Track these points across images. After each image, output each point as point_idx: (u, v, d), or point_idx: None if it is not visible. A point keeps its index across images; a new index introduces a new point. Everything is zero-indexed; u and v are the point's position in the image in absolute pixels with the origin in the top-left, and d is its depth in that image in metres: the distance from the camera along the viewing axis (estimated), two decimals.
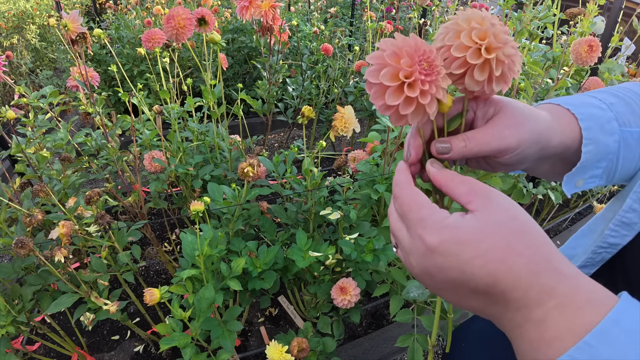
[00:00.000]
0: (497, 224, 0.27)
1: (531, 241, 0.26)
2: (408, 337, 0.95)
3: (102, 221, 0.91)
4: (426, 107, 0.30)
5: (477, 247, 0.26)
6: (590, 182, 0.42)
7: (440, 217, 0.28)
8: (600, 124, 0.39)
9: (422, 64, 0.30)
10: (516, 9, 2.73)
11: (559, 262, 0.26)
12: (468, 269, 0.26)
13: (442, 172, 0.32)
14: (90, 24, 3.50)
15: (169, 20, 1.00)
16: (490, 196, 0.28)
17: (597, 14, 1.28)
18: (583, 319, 0.24)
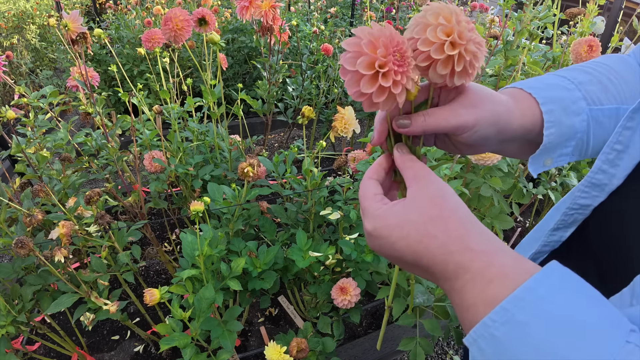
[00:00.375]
0: (418, 210, 0.32)
1: (447, 225, 0.31)
2: (410, 340, 0.95)
3: (102, 221, 0.91)
4: (397, 96, 0.32)
5: (400, 231, 0.32)
6: (559, 160, 0.44)
7: (376, 207, 0.34)
8: (564, 106, 0.41)
9: (396, 55, 0.31)
10: (516, 9, 2.73)
11: (474, 241, 0.30)
12: (397, 248, 0.32)
13: (401, 156, 0.37)
14: (90, 24, 3.50)
15: (166, 22, 1.00)
16: (423, 185, 0.33)
17: (597, 14, 1.28)
18: (492, 290, 0.28)
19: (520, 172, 1.36)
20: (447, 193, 0.32)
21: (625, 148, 0.38)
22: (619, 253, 0.38)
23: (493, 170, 1.14)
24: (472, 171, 1.17)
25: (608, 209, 0.41)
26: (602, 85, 0.43)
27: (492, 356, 0.27)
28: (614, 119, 0.43)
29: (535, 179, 1.52)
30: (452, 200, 0.32)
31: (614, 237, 0.39)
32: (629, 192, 0.39)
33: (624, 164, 0.38)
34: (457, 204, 0.32)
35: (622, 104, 0.43)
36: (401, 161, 0.36)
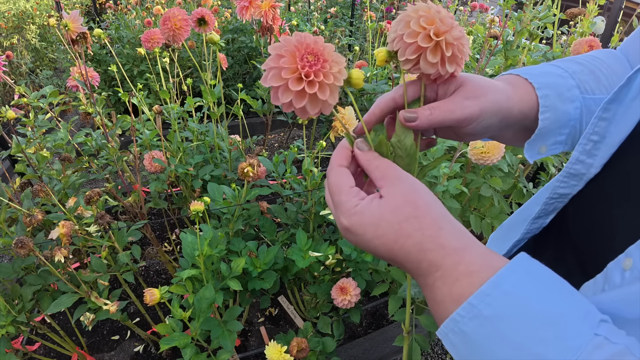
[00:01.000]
0: (393, 209, 0.32)
1: (421, 223, 0.31)
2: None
3: (102, 221, 0.91)
4: (318, 94, 0.32)
5: (375, 230, 0.32)
6: (554, 148, 0.45)
7: (352, 203, 0.33)
8: (559, 92, 0.42)
9: (308, 57, 0.32)
10: (516, 9, 2.73)
11: (447, 239, 0.30)
12: (372, 245, 0.32)
13: (363, 155, 0.36)
14: (90, 24, 3.50)
15: (165, 22, 1.00)
16: (395, 183, 0.33)
17: (597, 14, 1.28)
18: (459, 287, 0.29)
19: (520, 172, 1.36)
20: (420, 189, 0.33)
21: (602, 138, 0.39)
22: (596, 239, 0.39)
23: (493, 170, 1.14)
24: (472, 171, 1.17)
25: (585, 196, 0.42)
26: (594, 76, 0.44)
27: (463, 349, 0.28)
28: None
29: (536, 179, 1.52)
30: (426, 198, 0.32)
31: (590, 224, 0.40)
32: (605, 180, 0.40)
33: (601, 153, 0.40)
34: (430, 201, 0.32)
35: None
36: (365, 161, 0.36)
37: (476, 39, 2.24)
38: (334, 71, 0.32)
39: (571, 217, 0.44)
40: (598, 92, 0.44)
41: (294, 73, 0.32)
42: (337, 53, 0.33)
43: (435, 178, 1.02)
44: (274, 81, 0.32)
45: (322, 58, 0.32)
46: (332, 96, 0.32)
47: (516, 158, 1.18)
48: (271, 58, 0.32)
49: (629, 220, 0.35)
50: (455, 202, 0.99)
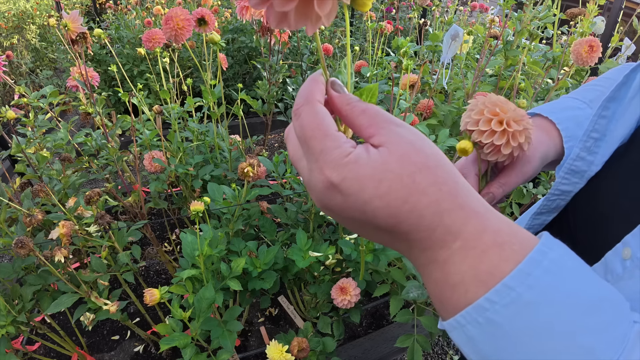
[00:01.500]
0: (400, 158, 0.24)
1: (437, 176, 0.24)
2: (408, 337, 0.95)
3: (102, 221, 0.91)
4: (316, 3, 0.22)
5: (377, 186, 0.23)
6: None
7: (343, 151, 0.25)
8: (578, 122, 0.46)
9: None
10: (516, 9, 2.73)
11: (467, 197, 0.24)
12: (369, 209, 0.24)
13: (342, 98, 0.27)
14: (90, 24, 3.50)
15: (167, 22, 1.00)
16: (392, 129, 0.25)
17: (597, 14, 1.28)
18: (487, 263, 0.22)
19: None
20: (423, 137, 0.26)
21: (602, 136, 0.40)
22: (594, 234, 0.39)
23: None
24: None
25: (585, 192, 0.43)
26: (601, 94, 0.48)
27: (485, 344, 0.22)
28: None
29: (536, 179, 1.52)
30: (432, 147, 0.25)
31: (589, 219, 0.41)
32: (605, 177, 0.41)
33: (601, 151, 0.41)
34: (438, 150, 0.25)
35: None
36: (345, 104, 0.27)
37: (476, 39, 2.24)
38: None
39: (570, 212, 0.45)
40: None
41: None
42: None
43: None
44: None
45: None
46: (331, 13, 0.23)
47: None
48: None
49: (624, 212, 0.35)
50: None
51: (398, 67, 1.42)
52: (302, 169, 0.28)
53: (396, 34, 2.20)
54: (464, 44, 1.45)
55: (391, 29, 2.19)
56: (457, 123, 1.37)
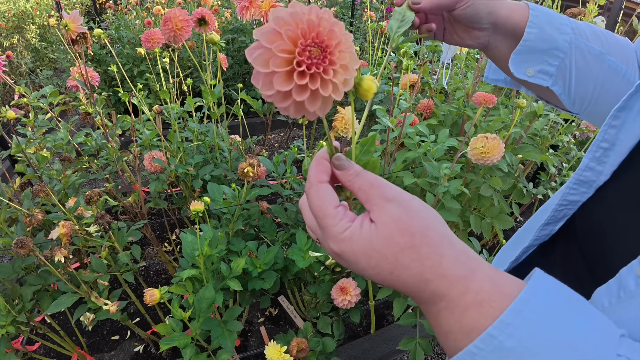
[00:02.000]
0: (385, 240, 0.28)
1: (419, 254, 0.28)
2: (410, 340, 0.95)
3: (102, 221, 0.91)
4: (306, 104, 0.26)
5: (368, 259, 0.29)
6: (541, 78, 0.48)
7: (340, 229, 0.30)
8: (550, 20, 0.46)
9: (312, 49, 0.25)
10: None
11: (449, 267, 0.27)
12: (366, 274, 0.30)
13: (343, 175, 0.32)
14: (90, 24, 3.50)
15: (166, 22, 1.00)
16: (383, 206, 0.29)
17: (597, 14, 1.28)
18: (468, 319, 0.26)
19: (520, 172, 1.36)
20: (414, 210, 0.29)
21: (612, 146, 0.40)
22: (604, 244, 0.39)
23: (493, 170, 1.14)
24: (472, 171, 1.17)
25: (593, 202, 0.42)
26: (593, 31, 0.47)
27: None
28: (597, 61, 0.47)
29: (536, 179, 1.52)
30: (421, 221, 0.28)
31: (598, 229, 0.40)
32: (614, 186, 0.40)
33: (610, 161, 0.40)
34: (428, 224, 0.29)
35: (609, 55, 0.47)
36: (346, 182, 0.31)
37: None
38: (337, 79, 0.26)
39: (578, 221, 0.45)
40: (593, 43, 0.47)
41: (287, 65, 0.25)
42: (352, 51, 0.26)
43: (435, 179, 1.02)
44: (260, 64, 0.25)
45: (329, 56, 0.25)
46: (323, 108, 0.26)
47: (516, 158, 1.18)
48: (265, 32, 0.25)
49: (636, 224, 0.35)
50: (455, 202, 0.99)
51: (398, 67, 1.42)
52: (317, 235, 0.33)
53: None
54: None
55: None
56: (457, 123, 1.37)
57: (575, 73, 0.47)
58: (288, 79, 0.25)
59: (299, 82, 0.25)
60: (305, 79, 0.25)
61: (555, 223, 0.47)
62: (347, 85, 0.26)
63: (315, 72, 0.25)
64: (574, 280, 0.43)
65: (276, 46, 0.25)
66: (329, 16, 0.26)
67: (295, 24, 0.25)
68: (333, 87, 0.26)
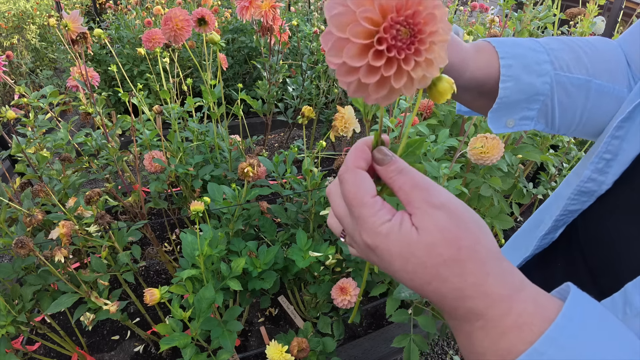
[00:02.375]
0: (427, 247, 0.26)
1: (464, 269, 0.25)
2: (404, 337, 0.95)
3: (102, 221, 0.91)
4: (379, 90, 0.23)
5: (404, 263, 0.26)
6: (523, 124, 0.43)
7: (378, 220, 0.27)
8: (526, 64, 0.40)
9: (400, 29, 0.22)
10: (516, 9, 2.73)
11: (493, 285, 0.25)
12: (398, 276, 0.27)
13: (382, 171, 0.29)
14: (90, 24, 3.50)
15: (166, 22, 1.00)
16: (427, 212, 0.26)
17: (597, 14, 1.28)
18: (506, 342, 0.24)
19: (520, 172, 1.36)
20: (463, 222, 0.26)
21: (614, 156, 0.39)
22: (609, 252, 0.39)
23: (493, 170, 1.14)
24: (472, 171, 1.17)
25: (596, 209, 0.42)
26: (574, 54, 0.43)
27: None
28: (583, 90, 0.42)
29: (536, 179, 1.52)
30: (471, 233, 0.26)
31: (601, 237, 0.40)
32: (616, 194, 0.40)
33: (613, 171, 0.39)
34: (477, 237, 0.26)
35: (595, 78, 0.43)
36: (387, 178, 0.29)
37: (476, 39, 2.24)
38: (415, 74, 0.22)
39: (581, 229, 0.44)
40: (576, 72, 0.42)
41: (366, 37, 0.21)
42: (444, 47, 0.22)
43: (435, 179, 1.02)
44: (336, 25, 0.21)
45: (417, 44, 0.21)
46: (387, 98, 0.23)
47: (516, 158, 1.18)
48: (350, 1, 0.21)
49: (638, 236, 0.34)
50: None
51: None
52: (346, 225, 0.30)
53: None
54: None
55: None
56: (457, 123, 1.37)
57: (559, 109, 0.43)
58: (362, 54, 0.21)
59: (373, 62, 0.21)
60: (381, 61, 0.21)
61: (555, 231, 0.47)
62: (424, 83, 0.23)
63: (394, 56, 0.21)
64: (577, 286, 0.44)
65: (361, 11, 0.21)
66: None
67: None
68: (407, 80, 0.22)
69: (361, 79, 0.22)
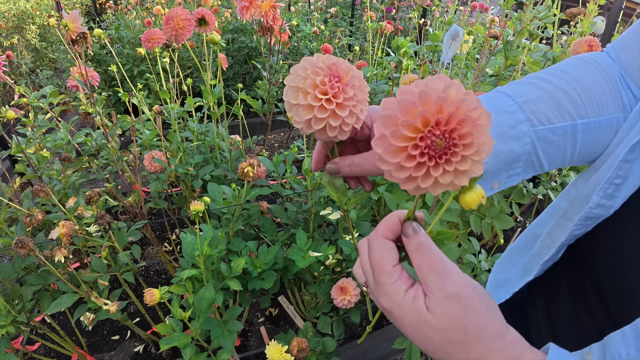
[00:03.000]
0: (437, 331, 0.29)
1: (466, 348, 0.28)
2: (405, 338, 0.95)
3: (102, 221, 0.91)
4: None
5: (414, 332, 0.30)
6: (509, 181, 0.43)
7: (394, 290, 0.31)
8: (500, 133, 0.39)
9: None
10: (516, 9, 2.73)
11: (494, 354, 0.28)
12: (408, 337, 0.31)
13: (407, 243, 0.32)
14: (90, 24, 3.50)
15: (168, 21, 1.00)
16: (439, 301, 0.29)
17: (597, 14, 1.28)
18: None
19: None
20: (473, 310, 0.29)
21: (624, 180, 0.38)
22: (622, 279, 0.38)
23: None
24: None
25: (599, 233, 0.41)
26: (554, 102, 0.41)
27: None
28: (569, 135, 0.41)
29: (536, 179, 1.52)
30: (479, 320, 0.29)
31: (613, 262, 0.39)
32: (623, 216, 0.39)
33: (622, 194, 0.39)
34: (484, 323, 0.29)
35: (580, 118, 0.41)
36: (410, 251, 0.31)
37: (476, 39, 2.24)
38: (443, 180, 0.24)
39: (587, 252, 0.44)
40: (558, 120, 0.40)
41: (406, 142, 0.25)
42: (479, 162, 0.24)
43: None
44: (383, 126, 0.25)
45: (450, 156, 0.24)
46: (414, 191, 0.26)
47: None
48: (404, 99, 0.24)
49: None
50: (455, 202, 0.99)
51: (398, 67, 1.42)
52: (369, 282, 0.35)
53: (396, 34, 2.20)
54: (464, 44, 1.45)
55: (391, 29, 2.19)
56: None
57: (545, 158, 0.42)
58: (398, 152, 0.25)
59: (404, 163, 0.24)
60: (412, 163, 0.24)
61: (557, 253, 0.46)
62: (452, 188, 0.25)
63: (425, 162, 0.24)
64: (583, 308, 0.43)
65: (403, 121, 0.24)
66: (480, 113, 0.23)
67: (436, 106, 0.23)
68: (434, 184, 0.25)
69: (392, 172, 0.25)
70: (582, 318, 0.43)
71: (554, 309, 0.48)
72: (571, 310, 0.45)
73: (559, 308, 0.47)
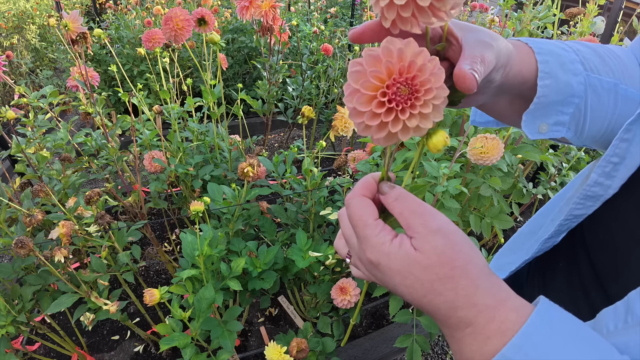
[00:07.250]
0: (425, 268, 0.29)
1: (456, 284, 0.29)
2: (407, 337, 0.95)
3: (102, 221, 0.91)
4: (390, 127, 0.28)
5: (403, 278, 0.30)
6: (555, 130, 0.41)
7: (380, 240, 0.31)
8: (561, 62, 0.38)
9: (400, 87, 0.27)
10: (516, 9, 2.73)
11: (481, 297, 0.29)
12: (398, 290, 0.31)
13: (385, 198, 0.33)
14: (90, 24, 3.50)
15: (167, 22, 1.00)
16: (426, 237, 0.30)
17: (597, 14, 1.28)
18: (490, 346, 0.28)
19: (520, 172, 1.36)
20: (457, 244, 0.30)
21: (622, 160, 0.38)
22: (612, 256, 0.38)
23: (493, 170, 1.14)
24: (471, 171, 1.17)
25: (602, 214, 0.41)
26: (600, 59, 0.40)
27: None
28: (612, 95, 0.40)
29: (535, 179, 1.52)
30: (464, 254, 0.30)
31: (607, 241, 0.40)
32: (622, 199, 0.39)
33: (620, 175, 0.39)
34: (469, 257, 0.30)
35: (621, 82, 0.41)
36: (388, 204, 0.33)
37: None
38: (410, 124, 0.27)
39: (587, 233, 0.44)
40: (605, 74, 0.40)
41: (373, 91, 0.27)
42: (439, 106, 0.27)
43: (435, 178, 1.02)
44: (353, 79, 0.27)
45: (413, 101, 0.27)
46: (386, 140, 0.29)
47: (515, 158, 1.18)
48: (369, 55, 0.27)
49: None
50: (455, 202, 0.99)
51: None
52: (352, 245, 0.35)
53: None
54: None
55: None
56: (457, 123, 1.37)
57: (590, 115, 0.41)
58: (368, 102, 0.28)
59: (375, 109, 0.27)
60: (382, 109, 0.27)
61: (558, 235, 0.47)
62: (418, 132, 0.28)
63: (393, 107, 0.27)
64: (578, 287, 0.43)
65: (371, 71, 0.27)
66: (434, 64, 0.27)
67: (398, 59, 0.27)
68: (403, 127, 0.28)
69: (365, 121, 0.28)
70: (578, 299, 0.43)
71: (551, 289, 0.48)
72: (567, 290, 0.45)
73: (555, 288, 0.47)
